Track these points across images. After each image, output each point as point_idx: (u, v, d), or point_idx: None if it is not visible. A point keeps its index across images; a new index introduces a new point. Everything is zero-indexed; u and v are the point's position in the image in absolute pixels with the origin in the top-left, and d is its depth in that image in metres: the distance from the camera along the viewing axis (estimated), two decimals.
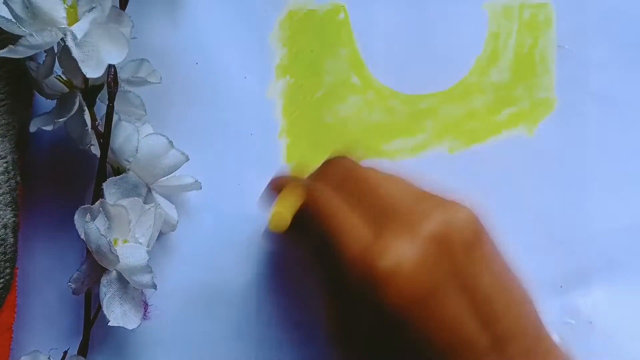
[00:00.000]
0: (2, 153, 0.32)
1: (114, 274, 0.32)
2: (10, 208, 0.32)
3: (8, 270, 0.33)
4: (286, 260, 0.36)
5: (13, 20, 0.30)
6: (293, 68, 0.37)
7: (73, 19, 0.30)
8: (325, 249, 0.29)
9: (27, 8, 0.30)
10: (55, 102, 0.34)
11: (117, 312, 0.32)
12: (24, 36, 0.29)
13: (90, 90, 0.33)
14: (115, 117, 0.33)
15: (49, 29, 0.30)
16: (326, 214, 0.29)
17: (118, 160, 0.34)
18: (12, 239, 0.33)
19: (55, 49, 0.31)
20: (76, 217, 0.32)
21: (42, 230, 0.36)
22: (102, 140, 0.33)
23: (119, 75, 0.33)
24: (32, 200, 0.36)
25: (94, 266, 0.32)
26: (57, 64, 0.32)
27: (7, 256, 0.32)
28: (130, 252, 0.32)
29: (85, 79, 0.32)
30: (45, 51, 0.31)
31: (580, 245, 0.36)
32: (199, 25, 0.37)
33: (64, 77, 0.33)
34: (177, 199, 0.36)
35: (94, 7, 0.30)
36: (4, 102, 0.33)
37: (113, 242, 0.31)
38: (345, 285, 0.28)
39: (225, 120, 0.37)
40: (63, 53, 0.31)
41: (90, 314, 0.35)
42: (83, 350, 0.34)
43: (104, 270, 0.32)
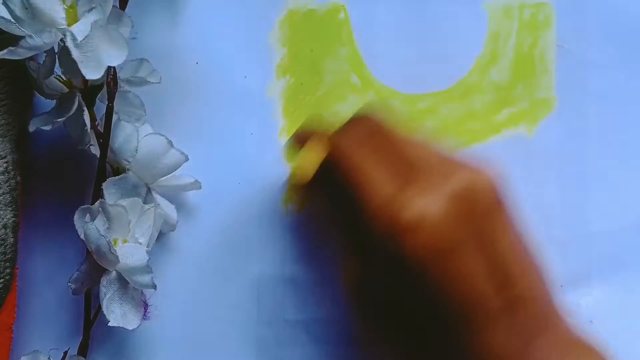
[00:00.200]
0: (2, 153, 0.32)
1: (113, 274, 0.32)
2: (10, 208, 0.32)
3: (8, 270, 0.33)
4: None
5: (12, 20, 0.30)
6: (293, 68, 0.37)
7: (72, 19, 0.30)
8: (348, 202, 0.28)
9: (26, 9, 0.30)
10: (54, 102, 0.34)
11: (117, 313, 0.32)
12: (23, 38, 0.29)
13: (89, 90, 0.33)
14: (115, 117, 0.33)
15: (48, 29, 0.30)
16: (351, 166, 0.29)
17: (118, 160, 0.34)
18: (12, 239, 0.33)
19: (55, 49, 0.31)
20: (76, 217, 0.32)
21: (42, 230, 0.36)
22: (101, 140, 0.33)
23: (119, 75, 0.33)
24: (32, 200, 0.36)
25: (94, 266, 0.32)
26: (57, 63, 0.32)
27: (7, 256, 0.32)
28: (130, 252, 0.32)
29: (85, 79, 0.32)
30: (45, 51, 0.31)
31: (580, 245, 0.36)
32: (199, 25, 0.37)
33: (63, 77, 0.33)
34: (177, 199, 0.36)
35: (93, 8, 0.30)
36: (4, 102, 0.33)
37: (113, 242, 0.31)
38: (366, 239, 0.28)
39: (225, 120, 0.37)
40: (62, 53, 0.31)
41: (90, 314, 0.35)
42: (83, 350, 0.34)
43: (103, 271, 0.32)
